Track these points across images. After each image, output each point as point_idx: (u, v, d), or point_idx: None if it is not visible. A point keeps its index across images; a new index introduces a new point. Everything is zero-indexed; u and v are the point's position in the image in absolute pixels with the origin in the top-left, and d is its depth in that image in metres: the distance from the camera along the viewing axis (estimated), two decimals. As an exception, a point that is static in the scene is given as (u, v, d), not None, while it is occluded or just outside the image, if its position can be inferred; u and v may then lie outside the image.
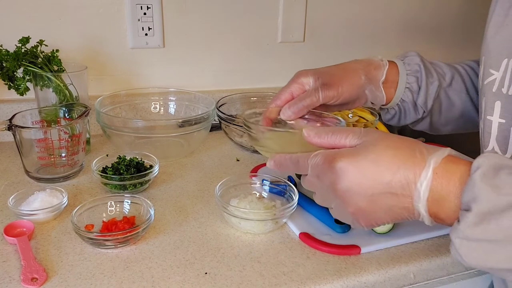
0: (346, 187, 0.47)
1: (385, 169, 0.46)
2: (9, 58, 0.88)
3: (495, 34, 0.59)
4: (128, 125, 0.94)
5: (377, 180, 0.46)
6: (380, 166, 0.46)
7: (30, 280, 0.58)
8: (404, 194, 0.46)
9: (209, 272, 0.62)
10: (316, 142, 0.53)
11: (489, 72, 0.59)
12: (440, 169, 0.45)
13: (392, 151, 0.47)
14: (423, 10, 1.38)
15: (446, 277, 0.70)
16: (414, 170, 0.45)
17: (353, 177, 0.47)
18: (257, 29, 1.20)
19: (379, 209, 0.48)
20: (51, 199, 0.72)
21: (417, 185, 0.45)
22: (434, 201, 0.45)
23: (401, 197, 0.46)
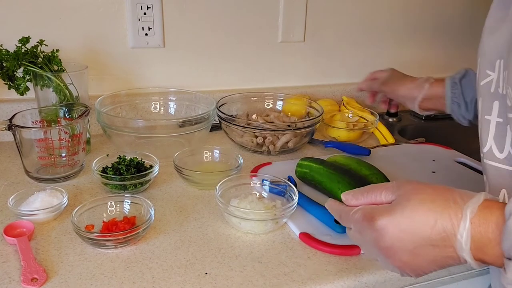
0: (388, 244, 0.48)
1: (423, 224, 0.46)
2: (9, 58, 0.88)
3: (490, 35, 0.60)
4: (128, 125, 0.94)
5: (417, 234, 0.47)
6: (417, 221, 0.47)
7: (30, 281, 0.57)
8: (446, 245, 0.46)
9: (210, 272, 0.61)
10: (355, 204, 0.54)
11: (486, 73, 0.59)
12: (476, 218, 0.45)
13: (427, 204, 0.47)
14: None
15: (447, 277, 0.70)
16: (451, 221, 0.45)
17: (393, 234, 0.48)
18: (257, 29, 1.20)
19: (423, 261, 0.48)
20: (51, 199, 0.72)
21: (457, 236, 0.45)
22: (478, 249, 0.45)
23: (443, 248, 0.46)
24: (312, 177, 0.82)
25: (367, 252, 0.54)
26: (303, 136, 1.01)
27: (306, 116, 1.10)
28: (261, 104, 1.15)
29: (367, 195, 0.53)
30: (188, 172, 0.82)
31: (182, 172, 0.83)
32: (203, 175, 0.83)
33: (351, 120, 1.16)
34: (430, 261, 0.48)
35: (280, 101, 1.15)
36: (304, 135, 1.01)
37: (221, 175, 0.79)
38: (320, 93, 1.29)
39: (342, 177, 0.77)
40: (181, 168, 0.82)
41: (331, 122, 1.12)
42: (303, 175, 0.85)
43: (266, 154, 1.00)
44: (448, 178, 0.91)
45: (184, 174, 0.82)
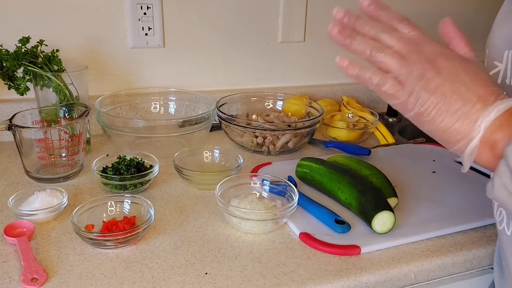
0: (446, 55, 0.48)
1: (481, 80, 0.47)
2: (9, 58, 0.88)
3: (501, 27, 0.60)
4: (128, 125, 0.94)
5: (472, 80, 0.47)
6: (478, 75, 0.47)
7: (30, 281, 0.57)
8: (480, 105, 0.46)
9: (210, 272, 0.61)
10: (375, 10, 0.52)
11: (494, 64, 0.59)
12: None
13: (487, 75, 0.48)
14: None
15: (446, 277, 0.70)
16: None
17: (453, 55, 0.48)
18: (258, 29, 1.20)
19: (455, 95, 0.46)
20: (51, 199, 0.72)
21: (494, 103, 0.45)
22: (496, 124, 0.45)
23: (477, 104, 0.46)
24: (312, 177, 0.82)
25: (412, 53, 0.48)
26: (303, 136, 1.01)
27: (306, 116, 1.10)
28: (261, 104, 1.15)
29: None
30: (188, 172, 0.82)
31: (182, 172, 0.83)
32: (203, 175, 0.83)
33: (351, 120, 1.16)
34: (462, 82, 0.46)
35: (280, 101, 1.15)
36: (304, 135, 1.01)
37: (221, 175, 0.79)
38: (320, 93, 1.29)
39: (342, 177, 0.77)
40: (181, 168, 0.82)
41: (331, 122, 1.12)
42: (303, 175, 0.85)
43: (266, 154, 1.00)
44: (448, 178, 0.91)
45: (184, 174, 0.82)
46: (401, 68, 0.47)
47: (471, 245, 0.70)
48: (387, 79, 0.48)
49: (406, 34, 0.49)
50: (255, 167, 0.92)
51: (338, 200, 0.78)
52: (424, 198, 0.82)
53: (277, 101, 1.15)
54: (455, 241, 0.71)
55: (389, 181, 0.81)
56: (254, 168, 0.91)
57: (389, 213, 0.69)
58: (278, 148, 0.99)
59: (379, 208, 0.69)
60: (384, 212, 0.69)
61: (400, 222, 0.73)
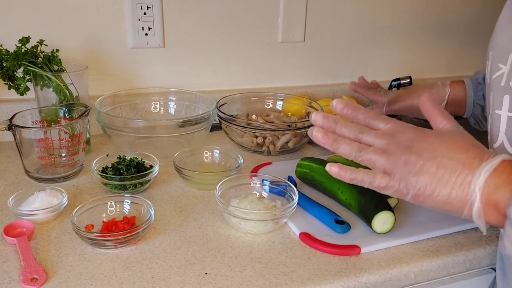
0: (424, 145, 0.51)
1: (461, 147, 0.50)
2: (9, 58, 0.88)
3: (504, 28, 0.60)
4: (128, 125, 0.94)
5: (452, 149, 0.50)
6: (457, 144, 0.51)
7: (30, 281, 0.57)
8: (467, 170, 0.48)
9: (210, 272, 0.61)
10: (348, 113, 0.57)
11: (497, 66, 0.59)
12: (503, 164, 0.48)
13: (467, 140, 0.52)
14: (425, 9, 1.37)
15: (446, 277, 0.70)
16: (480, 157, 0.49)
17: (433, 140, 0.51)
18: (257, 29, 1.19)
19: (441, 168, 0.49)
20: (51, 199, 0.72)
21: (480, 166, 0.48)
22: (491, 185, 0.47)
23: (463, 170, 0.48)
24: (312, 177, 0.82)
25: (390, 145, 0.52)
26: (303, 136, 1.01)
27: (306, 116, 1.10)
28: (261, 104, 1.15)
29: (364, 114, 0.55)
30: (188, 172, 0.82)
31: (182, 172, 0.83)
32: (203, 175, 0.83)
33: (351, 120, 1.15)
34: (445, 170, 0.49)
35: (280, 101, 1.15)
36: (304, 135, 1.01)
37: (221, 175, 0.79)
38: (320, 93, 1.29)
39: (342, 177, 0.77)
40: (181, 168, 0.82)
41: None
42: (303, 175, 0.85)
43: (266, 154, 1.00)
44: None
45: (184, 174, 0.82)
46: (385, 161, 0.52)
47: (471, 245, 0.70)
48: (376, 175, 0.52)
49: (382, 129, 0.54)
50: (255, 167, 0.92)
51: (338, 200, 0.78)
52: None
53: (277, 101, 1.15)
54: (455, 241, 0.71)
55: (389, 181, 0.80)
56: (254, 168, 0.91)
57: (389, 213, 0.69)
58: (278, 148, 0.99)
59: (379, 208, 0.69)
60: (384, 212, 0.69)
61: (400, 222, 0.73)
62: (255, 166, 0.92)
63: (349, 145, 0.53)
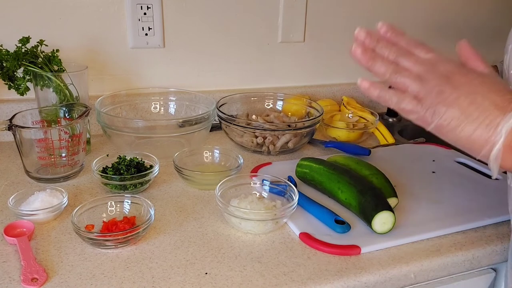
0: (463, 73, 0.51)
1: (498, 90, 0.49)
2: (9, 58, 0.88)
3: None
4: (128, 125, 0.94)
5: (489, 90, 0.49)
6: (495, 86, 0.50)
7: (30, 281, 0.57)
8: (498, 112, 0.48)
9: (210, 272, 0.62)
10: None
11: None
12: None
13: (505, 85, 0.51)
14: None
15: (446, 277, 0.70)
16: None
17: (471, 72, 0.51)
18: (257, 29, 1.20)
19: (472, 105, 0.49)
20: (51, 199, 0.72)
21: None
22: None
23: (495, 111, 0.48)
24: (312, 177, 0.82)
25: (428, 73, 0.52)
26: (303, 136, 1.01)
27: (306, 116, 1.10)
28: (261, 104, 1.15)
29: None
30: (188, 172, 0.82)
31: (182, 172, 0.83)
32: (203, 175, 0.83)
33: (351, 120, 1.16)
34: (479, 92, 0.49)
35: (280, 101, 1.15)
36: (304, 135, 1.01)
37: (221, 175, 0.79)
38: (320, 93, 1.29)
39: (342, 177, 0.77)
40: (181, 168, 0.83)
41: (331, 122, 1.12)
42: (303, 175, 0.85)
43: (266, 154, 1.00)
44: (448, 178, 0.91)
45: (184, 174, 0.83)
46: (418, 87, 0.51)
47: (470, 245, 0.70)
48: (405, 97, 0.51)
49: (423, 57, 0.53)
50: (255, 167, 0.92)
51: (338, 200, 0.78)
52: (424, 198, 0.82)
53: (277, 101, 1.15)
54: (455, 241, 0.71)
55: (389, 181, 0.81)
56: (254, 168, 0.91)
57: (389, 213, 0.69)
58: (278, 148, 0.99)
59: (379, 208, 0.69)
60: (384, 212, 0.69)
61: (400, 222, 0.73)
62: (255, 166, 0.92)
63: (386, 65, 0.52)
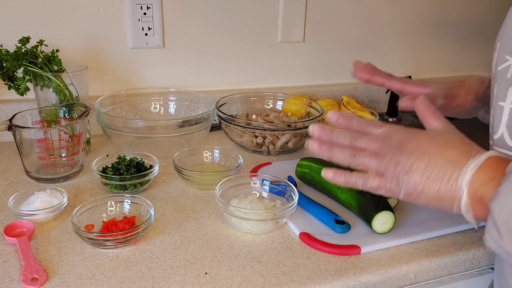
0: (413, 145, 0.53)
1: (450, 146, 0.52)
2: (9, 58, 0.88)
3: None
4: (128, 125, 0.94)
5: (441, 148, 0.52)
6: (446, 142, 0.53)
7: (30, 280, 0.58)
8: (454, 167, 0.50)
9: (210, 272, 0.62)
10: (343, 123, 0.58)
11: (504, 58, 0.59)
12: (490, 161, 0.50)
13: (457, 139, 0.54)
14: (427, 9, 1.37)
15: (446, 277, 0.70)
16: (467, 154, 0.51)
17: (423, 140, 0.53)
18: (257, 29, 1.20)
19: (429, 166, 0.51)
20: (51, 199, 0.72)
21: (467, 162, 0.49)
22: (477, 181, 0.48)
23: (451, 167, 0.50)
24: (312, 177, 0.82)
25: (382, 148, 0.54)
26: (303, 136, 1.01)
27: (306, 116, 1.10)
28: (261, 104, 1.15)
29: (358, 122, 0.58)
30: (188, 172, 0.82)
31: (182, 172, 0.83)
32: (203, 175, 0.83)
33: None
34: (434, 169, 0.51)
35: (280, 101, 1.15)
36: (304, 135, 1.01)
37: (221, 175, 0.79)
38: (320, 93, 1.29)
39: (342, 177, 0.77)
40: (181, 168, 0.83)
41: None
42: (303, 175, 0.85)
43: (266, 154, 1.00)
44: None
45: (184, 174, 0.83)
46: (377, 163, 0.54)
47: (470, 245, 0.70)
48: (368, 176, 0.55)
49: (376, 133, 0.56)
50: (255, 167, 0.92)
51: (338, 200, 0.78)
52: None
53: (277, 101, 1.15)
54: (454, 241, 0.71)
55: (389, 181, 0.80)
56: (254, 168, 0.91)
57: (389, 213, 0.69)
58: (278, 148, 0.99)
59: (379, 208, 0.69)
60: (384, 212, 0.69)
61: (400, 222, 0.73)
62: (255, 166, 0.92)
63: (343, 152, 0.56)
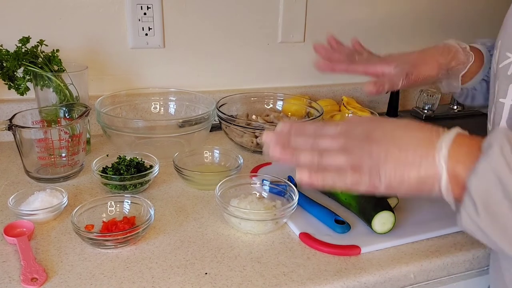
0: (379, 133, 0.50)
1: (415, 127, 0.50)
2: (10, 58, 0.88)
3: None
4: (128, 125, 0.94)
5: (408, 130, 0.50)
6: (410, 125, 0.51)
7: (30, 280, 0.57)
8: (428, 145, 0.48)
9: (210, 272, 0.62)
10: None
11: (505, 55, 0.59)
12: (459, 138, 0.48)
13: (418, 122, 0.52)
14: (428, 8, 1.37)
15: (446, 277, 0.70)
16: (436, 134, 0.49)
17: (388, 127, 0.51)
18: (257, 29, 1.20)
19: (403, 150, 0.49)
20: (51, 199, 0.72)
21: (439, 139, 0.48)
22: (453, 158, 0.47)
23: (424, 145, 0.48)
24: (312, 177, 0.82)
25: (348, 142, 0.51)
26: (303, 136, 1.01)
27: (306, 116, 1.10)
28: (261, 104, 1.15)
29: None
30: (188, 172, 0.82)
31: (182, 173, 0.83)
32: (203, 176, 0.83)
33: (351, 120, 1.15)
34: (410, 151, 0.48)
35: (280, 101, 1.15)
36: (304, 135, 1.01)
37: (221, 175, 0.79)
38: (320, 93, 1.29)
39: (342, 177, 0.77)
40: (181, 169, 0.83)
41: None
42: (303, 175, 0.85)
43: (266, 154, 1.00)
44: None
45: (184, 174, 0.83)
46: (348, 159, 0.50)
47: (470, 245, 0.70)
48: (344, 173, 0.50)
49: (335, 131, 0.52)
50: (255, 167, 0.92)
51: (338, 200, 0.78)
52: (424, 198, 0.82)
53: (277, 101, 1.15)
54: (454, 241, 0.71)
55: (389, 181, 0.80)
56: (254, 168, 0.91)
57: (389, 213, 0.69)
58: (278, 148, 0.99)
59: (379, 208, 0.69)
60: (384, 212, 0.69)
61: (400, 222, 0.73)
62: (255, 166, 0.92)
63: (309, 153, 0.51)
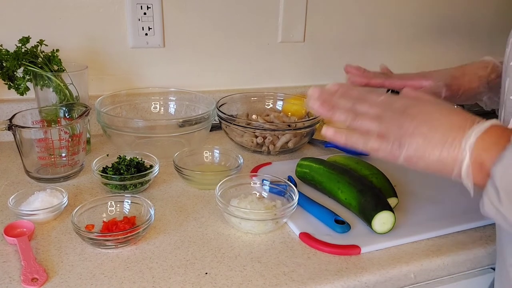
0: (416, 110, 0.53)
1: (453, 112, 0.52)
2: (9, 57, 0.87)
3: None
4: (128, 125, 0.94)
5: (444, 114, 0.52)
6: (450, 109, 0.53)
7: (30, 281, 0.57)
8: (458, 131, 0.50)
9: (210, 272, 0.62)
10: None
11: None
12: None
13: (458, 108, 0.53)
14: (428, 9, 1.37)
15: (446, 277, 0.70)
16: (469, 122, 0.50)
17: (424, 107, 0.53)
18: (257, 29, 1.20)
19: (433, 129, 0.51)
20: (51, 199, 0.72)
21: (471, 127, 0.49)
22: (480, 146, 0.48)
23: (454, 131, 0.50)
24: (312, 177, 0.82)
25: (385, 111, 0.54)
26: (303, 136, 1.01)
27: (306, 116, 1.10)
28: (261, 104, 1.15)
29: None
30: (188, 172, 0.82)
31: (182, 172, 0.83)
32: (203, 175, 0.83)
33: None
34: (439, 134, 0.50)
35: (280, 101, 1.15)
36: (304, 135, 1.01)
37: (221, 175, 0.79)
38: (320, 93, 1.29)
39: (342, 177, 0.77)
40: (181, 168, 0.83)
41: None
42: (303, 175, 0.85)
43: (266, 154, 1.00)
44: (448, 178, 0.91)
45: (184, 174, 0.83)
46: (379, 126, 0.54)
47: (471, 244, 0.70)
48: (370, 137, 0.54)
49: (376, 100, 0.56)
50: (255, 167, 0.92)
51: (338, 200, 0.78)
52: (424, 198, 0.82)
53: (277, 101, 1.15)
54: (455, 240, 0.71)
55: (389, 181, 0.81)
56: (254, 168, 0.91)
57: (389, 213, 0.69)
58: (278, 148, 0.99)
59: (379, 208, 0.69)
60: (384, 212, 0.69)
61: (400, 222, 0.73)
62: (255, 166, 0.92)
63: (345, 112, 0.56)
